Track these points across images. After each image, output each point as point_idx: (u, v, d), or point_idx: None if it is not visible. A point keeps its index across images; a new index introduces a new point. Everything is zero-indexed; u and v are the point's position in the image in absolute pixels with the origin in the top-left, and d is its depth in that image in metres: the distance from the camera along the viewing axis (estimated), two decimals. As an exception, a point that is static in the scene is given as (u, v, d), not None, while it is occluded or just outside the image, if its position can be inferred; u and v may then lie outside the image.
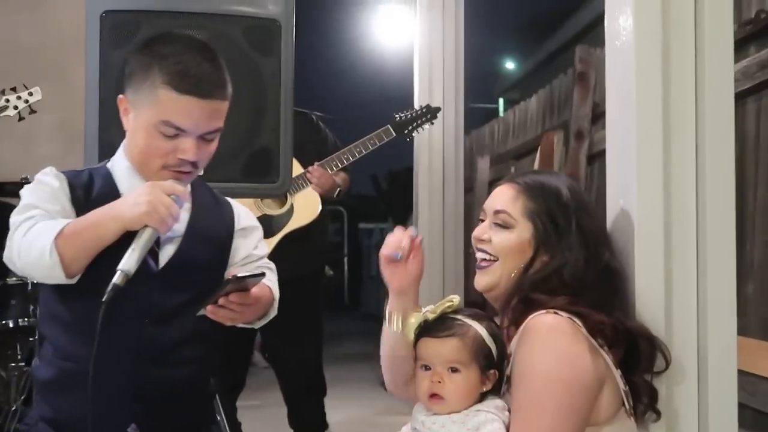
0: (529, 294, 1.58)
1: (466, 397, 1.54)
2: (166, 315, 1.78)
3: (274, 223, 3.67)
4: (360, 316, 13.77)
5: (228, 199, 2.02)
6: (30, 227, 1.65)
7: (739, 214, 1.95)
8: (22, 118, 4.24)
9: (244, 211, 2.00)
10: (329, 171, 3.71)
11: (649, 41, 1.74)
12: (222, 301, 1.69)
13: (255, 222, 2.03)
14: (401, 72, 6.37)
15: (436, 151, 4.98)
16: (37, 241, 1.63)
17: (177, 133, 1.71)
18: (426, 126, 3.95)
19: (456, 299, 1.63)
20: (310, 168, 3.68)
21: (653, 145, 1.72)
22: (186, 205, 1.82)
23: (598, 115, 4.45)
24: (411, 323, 1.62)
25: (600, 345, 1.53)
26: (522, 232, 1.64)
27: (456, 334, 1.56)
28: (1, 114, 4.17)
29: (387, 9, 8.12)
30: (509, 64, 20.47)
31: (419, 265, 1.69)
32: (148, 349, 1.76)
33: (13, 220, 1.70)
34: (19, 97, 4.19)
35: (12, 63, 5.01)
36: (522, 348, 1.51)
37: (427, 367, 1.57)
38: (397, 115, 3.89)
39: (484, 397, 1.56)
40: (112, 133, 2.24)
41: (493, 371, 1.56)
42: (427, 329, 1.60)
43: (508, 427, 1.50)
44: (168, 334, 1.79)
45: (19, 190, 4.55)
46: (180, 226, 1.79)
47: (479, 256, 1.70)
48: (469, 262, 5.44)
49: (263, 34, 2.46)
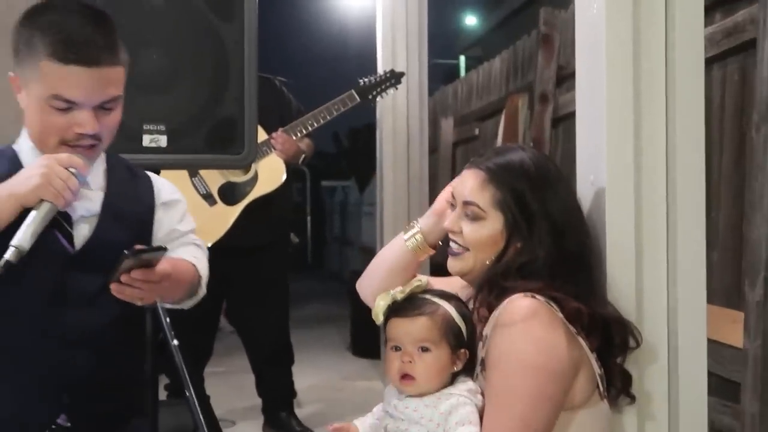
0: (503, 282, 1.56)
1: (437, 376, 1.53)
2: (87, 298, 1.70)
3: (237, 190, 3.63)
4: (324, 276, 13.78)
5: (148, 172, 1.93)
6: None
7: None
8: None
9: (165, 185, 1.91)
10: (293, 137, 3.67)
11: (620, 6, 1.71)
12: (124, 278, 1.59)
13: (178, 195, 1.94)
14: (364, 32, 6.31)
15: (400, 112, 4.95)
16: None
17: (69, 106, 1.60)
18: (390, 91, 3.92)
19: (424, 279, 1.62)
20: (274, 134, 3.64)
21: (624, 119, 1.71)
22: (100, 183, 1.75)
23: (563, 78, 4.44)
24: (380, 305, 1.60)
25: (576, 332, 1.52)
26: (493, 224, 1.60)
27: (425, 313, 1.54)
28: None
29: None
30: (470, 20, 20.35)
31: None
32: (73, 334, 1.67)
33: None
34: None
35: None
36: (498, 332, 1.49)
37: (397, 348, 1.56)
38: (360, 80, 3.86)
39: (455, 377, 1.55)
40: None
41: (464, 350, 1.55)
42: (395, 310, 1.58)
43: (480, 410, 1.49)
44: (92, 318, 1.70)
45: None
46: (95, 205, 1.72)
47: (452, 244, 1.67)
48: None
49: (225, -1, 2.41)
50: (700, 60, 1.75)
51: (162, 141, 2.39)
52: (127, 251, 1.55)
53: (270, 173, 3.68)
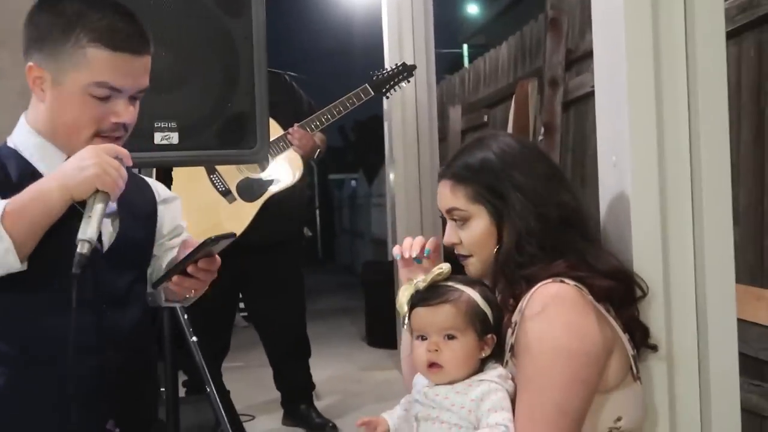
0: (516, 271, 1.57)
1: (465, 363, 1.51)
2: (118, 297, 1.66)
3: (256, 186, 3.63)
4: (334, 270, 13.80)
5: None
6: None
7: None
8: (-17, 84, 4.13)
9: (158, 183, 1.90)
10: (309, 132, 3.66)
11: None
12: (191, 269, 1.60)
13: (172, 192, 1.93)
14: (369, 25, 6.28)
15: (409, 103, 4.94)
16: None
17: (110, 94, 1.57)
18: (403, 84, 3.92)
19: (446, 267, 1.59)
20: (290, 129, 3.65)
21: (645, 99, 1.70)
22: None
23: (572, 62, 4.40)
24: (403, 295, 1.59)
25: (606, 309, 1.51)
26: (479, 218, 1.63)
27: (449, 301, 1.53)
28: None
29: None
30: (472, 8, 20.31)
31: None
32: (108, 335, 1.62)
33: None
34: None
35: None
36: (528, 318, 1.49)
37: (423, 337, 1.54)
38: (373, 74, 3.86)
39: (484, 363, 1.54)
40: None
41: (491, 336, 1.54)
42: (419, 299, 1.56)
43: (511, 396, 1.48)
44: (123, 317, 1.66)
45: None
46: (112, 203, 1.62)
47: (458, 257, 1.70)
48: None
49: (232, -6, 2.39)
50: (721, 34, 1.74)
51: (174, 138, 2.37)
52: (210, 239, 1.53)
53: (288, 168, 3.68)
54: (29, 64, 1.59)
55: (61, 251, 1.48)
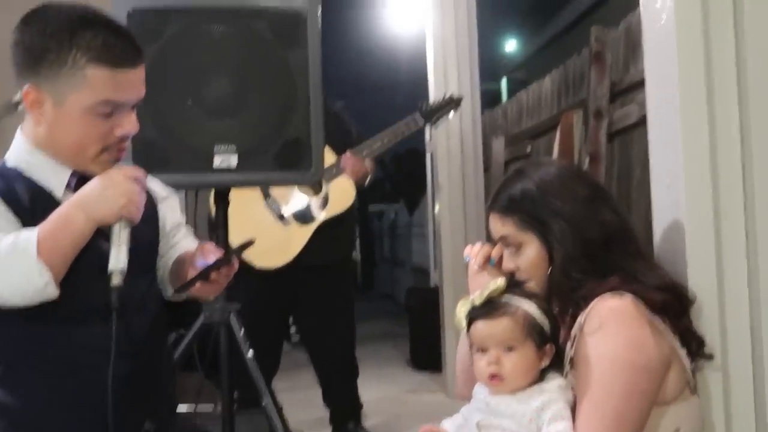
0: (567, 294, 1.63)
1: (526, 374, 1.56)
2: (137, 303, 1.68)
3: (310, 211, 3.71)
4: (374, 297, 13.84)
5: None
6: None
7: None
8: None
9: (153, 180, 1.86)
10: (361, 158, 3.74)
11: (689, 13, 1.75)
12: (215, 275, 1.67)
13: (169, 188, 1.96)
14: (415, 56, 6.37)
15: (454, 134, 5.00)
16: (12, 262, 1.45)
17: (112, 110, 1.58)
18: (450, 115, 3.99)
19: (501, 282, 1.64)
20: (343, 156, 3.72)
21: (698, 124, 1.75)
22: None
23: (616, 95, 4.45)
24: (461, 311, 1.64)
25: (663, 321, 1.56)
26: (530, 245, 1.70)
27: (506, 314, 1.58)
28: (21, 107, 4.18)
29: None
30: (510, 45, 20.41)
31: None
32: (132, 339, 1.65)
33: None
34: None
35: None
36: (589, 330, 1.54)
37: (483, 350, 1.59)
38: (421, 104, 3.93)
39: (544, 373, 1.58)
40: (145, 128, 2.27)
41: (550, 346, 1.58)
42: (477, 314, 1.62)
43: (571, 406, 1.52)
44: (143, 320, 1.70)
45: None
46: None
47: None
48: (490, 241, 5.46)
49: (289, 26, 2.48)
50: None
51: (233, 161, 2.45)
52: (234, 249, 1.63)
53: (341, 194, 3.76)
54: (26, 88, 1.57)
55: (82, 265, 1.53)
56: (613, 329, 1.51)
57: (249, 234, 3.15)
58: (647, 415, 1.51)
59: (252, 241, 1.68)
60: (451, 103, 3.99)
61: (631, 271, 1.62)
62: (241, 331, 2.49)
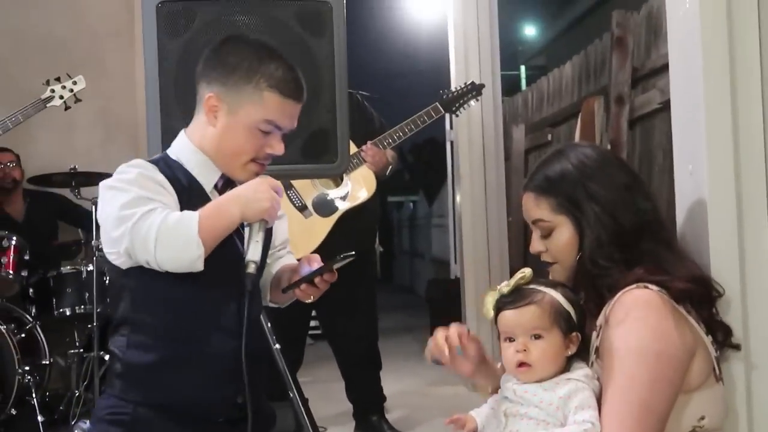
0: (594, 281, 1.65)
1: (553, 362, 1.58)
2: (251, 293, 1.87)
3: (331, 202, 3.73)
4: (393, 289, 13.84)
5: None
6: (162, 219, 1.72)
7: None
8: (68, 107, 4.33)
9: None
10: (382, 149, 3.76)
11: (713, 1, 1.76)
12: (318, 280, 1.89)
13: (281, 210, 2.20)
14: (436, 45, 6.38)
15: (475, 122, 5.02)
16: (177, 233, 1.72)
17: (271, 130, 1.88)
18: (471, 103, 3.99)
19: (527, 271, 1.66)
20: (364, 147, 3.74)
21: (722, 109, 1.76)
22: None
23: (637, 80, 4.44)
24: (488, 301, 1.66)
25: (687, 311, 1.58)
26: (563, 228, 1.70)
27: (533, 302, 1.60)
28: (48, 104, 4.25)
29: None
30: (529, 30, 20.31)
31: (477, 348, 1.75)
32: (242, 322, 1.85)
33: (127, 213, 1.74)
34: (63, 87, 4.28)
35: (49, 56, 5.08)
36: (614, 321, 1.56)
37: (510, 339, 1.61)
38: (442, 92, 3.95)
39: (570, 361, 1.60)
40: (173, 119, 2.31)
41: (576, 334, 1.60)
42: (504, 303, 1.64)
43: (597, 395, 1.54)
44: (251, 308, 1.89)
45: (69, 180, 4.61)
46: None
47: (544, 264, 1.79)
48: (511, 230, 5.48)
49: (315, 16, 2.49)
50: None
51: (260, 153, 2.48)
52: (339, 257, 1.83)
53: (362, 185, 3.79)
54: (209, 94, 1.89)
55: (215, 252, 1.76)
56: (638, 320, 1.53)
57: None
58: (673, 403, 1.52)
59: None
60: (473, 90, 4.00)
61: (659, 261, 1.63)
62: (268, 325, 2.51)
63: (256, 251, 1.78)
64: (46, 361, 4.27)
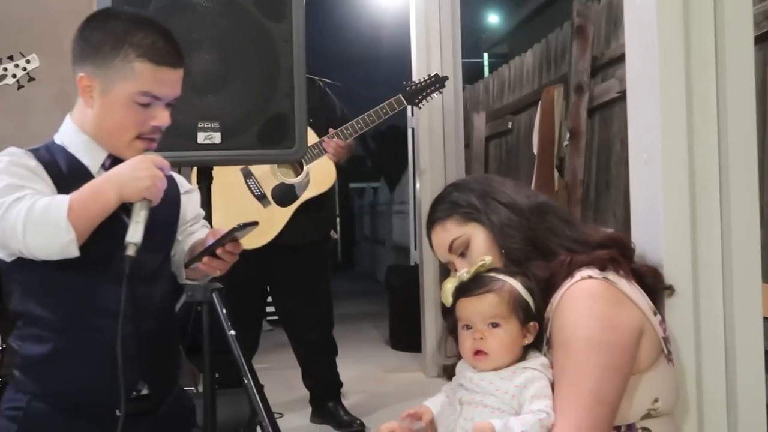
0: (520, 265, 1.67)
1: (509, 350, 1.58)
2: (150, 274, 1.89)
3: (290, 191, 3.71)
4: (354, 276, 13.84)
5: None
6: (30, 206, 1.64)
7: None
8: (21, 86, 4.22)
9: (180, 177, 2.10)
10: (344, 140, 3.74)
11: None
12: (220, 251, 1.83)
13: (192, 184, 2.19)
14: (399, 32, 6.36)
15: (436, 111, 5.01)
16: (45, 219, 1.64)
17: (150, 102, 1.81)
18: (434, 95, 4.01)
19: (488, 259, 1.66)
20: (325, 138, 3.73)
21: (676, 100, 1.77)
22: None
23: (597, 69, 4.48)
24: (447, 288, 1.66)
25: (635, 286, 1.62)
26: (477, 235, 1.73)
27: (492, 290, 1.60)
28: (1, 83, 4.16)
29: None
30: (492, 18, 20.36)
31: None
32: (140, 306, 1.84)
33: None
34: (17, 65, 4.17)
35: (6, 37, 4.97)
36: (562, 314, 1.58)
37: (468, 327, 1.61)
38: (406, 84, 3.97)
39: (527, 351, 1.61)
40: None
41: (533, 323, 1.61)
42: (463, 290, 1.64)
43: (552, 385, 1.55)
44: (153, 291, 1.89)
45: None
46: None
47: None
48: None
49: (274, 1, 2.47)
50: (749, 39, 1.80)
51: (216, 138, 2.46)
52: (238, 226, 1.75)
53: (321, 175, 3.77)
54: (80, 75, 1.81)
55: (101, 236, 1.71)
56: (585, 310, 1.55)
57: (230, 214, 3.16)
58: (623, 389, 1.54)
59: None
60: (436, 83, 4.02)
61: (567, 236, 1.69)
62: (223, 311, 2.49)
63: (136, 232, 1.69)
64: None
